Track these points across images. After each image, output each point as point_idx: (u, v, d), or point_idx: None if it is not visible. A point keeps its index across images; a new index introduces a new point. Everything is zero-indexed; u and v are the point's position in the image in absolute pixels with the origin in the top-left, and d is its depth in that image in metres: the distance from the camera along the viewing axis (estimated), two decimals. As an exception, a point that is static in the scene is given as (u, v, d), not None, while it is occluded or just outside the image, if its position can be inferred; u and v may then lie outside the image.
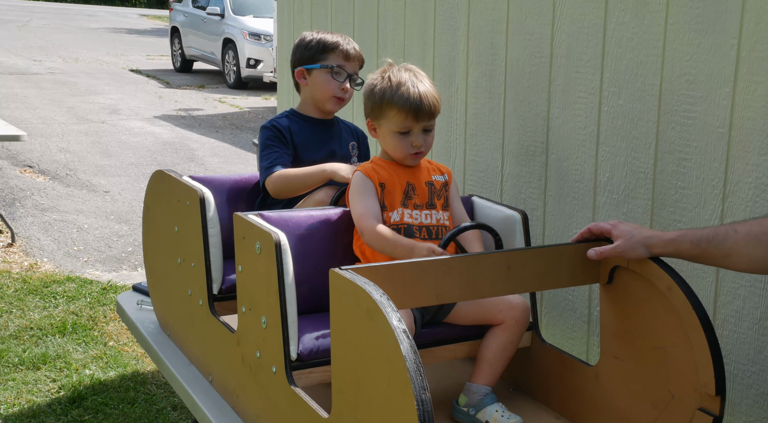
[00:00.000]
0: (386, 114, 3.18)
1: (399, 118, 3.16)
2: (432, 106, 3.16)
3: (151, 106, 16.75)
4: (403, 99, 3.13)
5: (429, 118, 3.17)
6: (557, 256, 2.93)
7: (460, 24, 4.31)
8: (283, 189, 3.64)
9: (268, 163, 3.70)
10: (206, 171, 11.25)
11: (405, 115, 3.14)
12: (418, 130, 3.17)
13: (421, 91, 3.15)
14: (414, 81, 3.17)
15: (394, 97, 3.14)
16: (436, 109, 3.19)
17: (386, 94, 3.17)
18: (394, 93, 3.15)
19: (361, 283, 2.34)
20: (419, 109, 3.13)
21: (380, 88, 3.20)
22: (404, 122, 3.16)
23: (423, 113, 3.14)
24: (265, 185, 3.68)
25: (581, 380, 3.14)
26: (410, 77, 3.19)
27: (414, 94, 3.13)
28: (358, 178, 3.21)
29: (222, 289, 3.56)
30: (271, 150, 3.73)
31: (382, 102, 3.18)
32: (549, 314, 3.86)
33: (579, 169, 3.64)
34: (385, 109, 3.18)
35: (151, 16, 43.95)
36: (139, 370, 5.41)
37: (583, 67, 3.58)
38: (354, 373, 2.43)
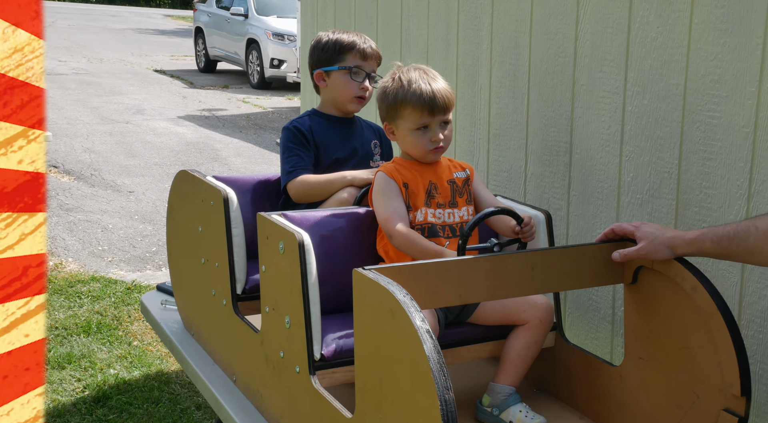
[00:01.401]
0: (401, 113, 3.19)
1: (415, 115, 3.16)
2: (446, 99, 3.16)
3: (175, 106, 16.80)
4: (416, 96, 3.14)
5: (444, 111, 3.17)
6: (581, 257, 2.93)
7: (484, 24, 4.30)
8: (303, 195, 3.64)
9: (289, 167, 3.70)
10: (230, 171, 11.26)
11: (420, 111, 3.15)
12: (435, 124, 3.17)
13: (433, 86, 3.16)
14: (425, 78, 3.19)
15: (407, 96, 3.15)
16: (451, 102, 3.19)
17: (399, 94, 3.17)
18: (406, 92, 3.16)
19: (384, 283, 2.34)
20: (434, 103, 3.13)
21: (392, 89, 3.20)
22: (420, 118, 3.16)
23: (438, 107, 3.14)
24: (287, 190, 3.68)
25: (605, 381, 3.13)
26: (420, 75, 3.20)
27: (426, 89, 3.14)
28: (382, 179, 3.21)
29: (246, 288, 3.57)
30: (293, 153, 3.73)
31: (396, 102, 3.18)
32: (573, 314, 3.85)
33: (603, 169, 3.63)
34: (400, 108, 3.18)
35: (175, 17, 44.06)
36: (164, 370, 5.42)
37: (607, 67, 3.57)
38: (377, 373, 2.43)
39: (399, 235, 3.06)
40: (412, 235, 3.06)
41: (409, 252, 3.07)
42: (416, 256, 3.05)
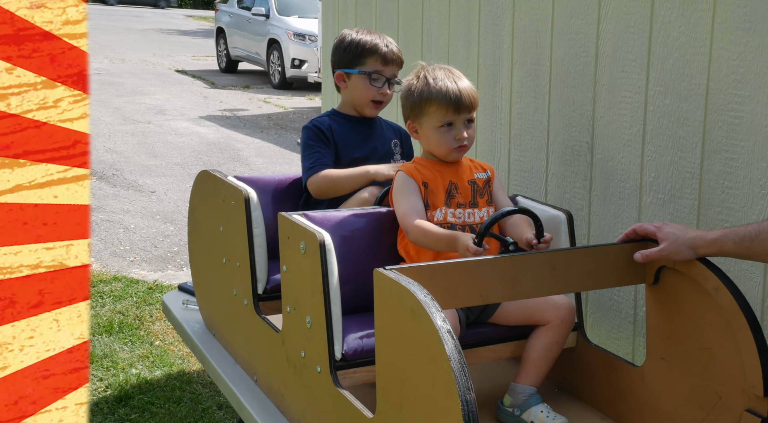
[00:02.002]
0: (426, 111, 3.19)
1: (440, 113, 3.16)
2: (471, 97, 3.17)
3: (196, 106, 16.84)
4: (441, 93, 3.14)
5: (469, 110, 3.18)
6: (602, 257, 2.92)
7: (505, 23, 4.29)
8: (325, 190, 3.64)
9: (310, 164, 3.70)
10: (251, 171, 11.28)
11: (445, 108, 3.15)
12: (459, 122, 3.18)
13: (459, 84, 3.17)
14: (450, 76, 3.20)
15: (432, 93, 3.16)
16: (476, 101, 3.20)
17: (424, 92, 3.18)
18: (432, 89, 3.16)
19: (405, 283, 2.34)
20: (459, 100, 3.14)
21: (417, 87, 3.21)
22: (445, 116, 3.16)
23: (463, 105, 3.15)
24: (307, 186, 3.68)
25: (627, 381, 3.12)
26: (445, 74, 3.21)
27: (452, 87, 3.15)
28: (401, 178, 3.21)
29: (267, 288, 3.57)
30: (313, 150, 3.73)
31: (421, 100, 3.19)
32: (594, 314, 3.84)
33: (624, 168, 3.62)
34: (425, 106, 3.19)
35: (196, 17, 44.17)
36: (185, 370, 5.44)
37: (628, 67, 3.56)
38: (398, 373, 2.43)
39: (414, 229, 3.06)
40: (424, 225, 3.06)
41: (424, 242, 3.07)
42: (432, 245, 3.04)
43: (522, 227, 3.17)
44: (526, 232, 3.11)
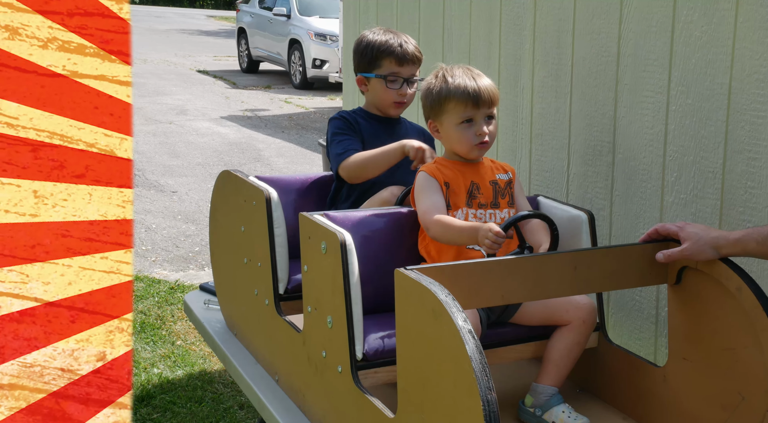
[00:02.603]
0: (446, 108, 3.19)
1: (459, 109, 3.17)
2: (490, 92, 3.17)
3: (218, 106, 16.87)
4: (459, 89, 3.15)
5: (489, 105, 3.18)
6: (624, 257, 2.91)
7: (527, 23, 4.29)
8: (360, 171, 3.63)
9: (341, 149, 3.70)
10: (272, 171, 11.30)
11: (465, 104, 3.15)
12: (480, 117, 3.18)
13: (477, 80, 3.18)
14: (468, 73, 3.21)
15: (451, 90, 3.16)
16: (495, 96, 3.20)
17: (443, 90, 3.18)
18: (450, 86, 3.17)
19: (426, 284, 2.34)
20: (478, 95, 3.14)
21: (436, 85, 3.22)
22: (465, 111, 3.16)
23: (482, 100, 3.15)
24: (339, 171, 3.68)
25: (649, 381, 3.12)
26: (464, 71, 3.22)
27: (470, 83, 3.16)
28: (423, 178, 3.21)
29: (288, 288, 3.58)
30: (342, 137, 3.74)
31: (440, 97, 3.19)
32: (616, 315, 3.83)
33: (646, 168, 3.61)
34: (444, 103, 3.19)
35: (218, 17, 44.25)
36: (207, 369, 5.45)
37: (650, 66, 3.55)
38: (420, 373, 2.43)
39: (434, 224, 3.06)
40: (444, 219, 3.05)
41: (446, 237, 3.06)
42: (453, 238, 3.04)
43: (539, 234, 3.18)
44: (543, 240, 3.12)
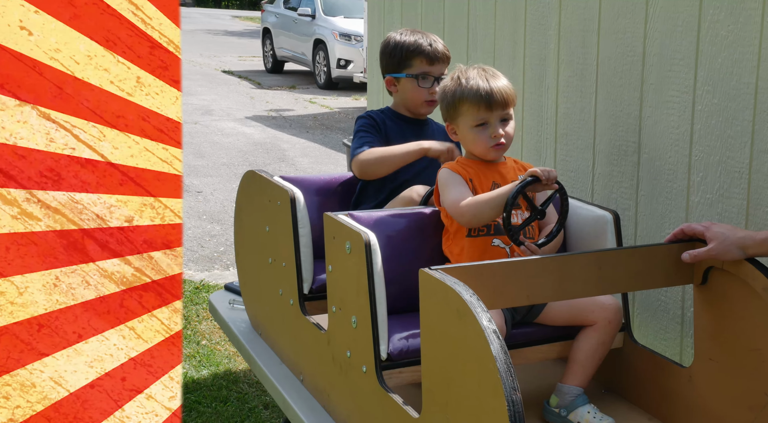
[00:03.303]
0: (460, 111, 3.19)
1: (473, 111, 3.16)
2: (504, 94, 3.16)
3: (242, 106, 16.91)
4: (473, 91, 3.14)
5: (503, 106, 3.17)
6: (650, 257, 2.90)
7: (551, 23, 4.28)
8: (374, 166, 3.63)
9: (358, 144, 3.71)
10: (297, 171, 11.32)
11: (477, 106, 3.15)
12: (494, 120, 3.17)
13: (491, 82, 3.17)
14: (483, 75, 3.19)
15: (464, 93, 3.16)
16: (509, 97, 3.18)
17: (456, 92, 3.18)
18: (464, 89, 3.17)
19: (450, 283, 2.34)
20: (490, 97, 3.13)
21: (450, 88, 3.22)
22: (478, 114, 3.16)
23: (495, 102, 3.14)
24: (353, 165, 3.69)
25: (675, 382, 3.10)
26: (479, 73, 3.20)
27: (483, 85, 3.15)
28: (446, 173, 3.20)
29: (312, 288, 3.58)
30: (364, 134, 3.75)
31: (454, 100, 3.20)
32: (641, 315, 3.82)
33: (672, 168, 3.59)
34: (458, 106, 3.19)
35: (243, 18, 44.35)
36: (231, 369, 5.46)
37: (676, 66, 3.53)
38: (444, 373, 2.43)
39: (466, 208, 3.05)
40: (470, 200, 3.07)
41: (483, 213, 3.05)
42: (486, 213, 3.04)
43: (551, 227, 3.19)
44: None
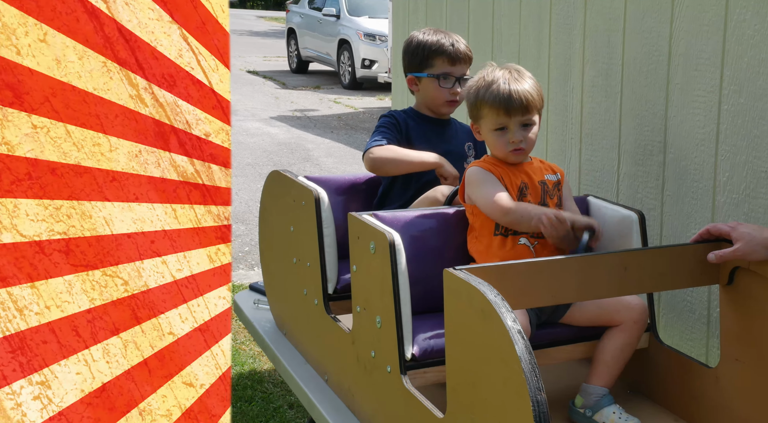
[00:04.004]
0: (481, 113, 3.19)
1: (492, 116, 3.16)
2: (524, 100, 3.13)
3: (267, 107, 16.94)
4: (492, 96, 3.13)
5: (522, 112, 3.14)
6: (675, 257, 2.89)
7: (576, 23, 4.27)
8: (387, 164, 3.67)
9: (374, 138, 3.74)
10: (321, 171, 11.32)
11: (496, 111, 3.14)
12: (513, 125, 3.16)
13: (512, 86, 3.14)
14: (507, 78, 3.16)
15: (486, 96, 3.15)
16: (531, 103, 3.15)
17: (479, 94, 3.18)
18: (485, 91, 3.16)
19: (475, 284, 2.34)
20: (509, 103, 3.11)
21: (474, 89, 3.22)
22: (497, 118, 3.15)
23: (514, 108, 3.12)
24: (364, 157, 3.70)
25: (700, 383, 3.09)
26: (504, 75, 3.18)
27: (504, 90, 3.12)
28: (477, 171, 3.19)
29: (337, 288, 3.58)
30: (384, 130, 3.78)
31: (476, 101, 3.20)
32: (667, 315, 3.81)
33: (698, 168, 3.58)
34: (480, 108, 3.19)
35: (268, 18, 44.42)
36: (256, 369, 5.47)
37: (702, 65, 3.52)
38: (469, 373, 2.43)
39: (514, 209, 3.06)
40: (521, 204, 3.10)
41: (523, 220, 3.06)
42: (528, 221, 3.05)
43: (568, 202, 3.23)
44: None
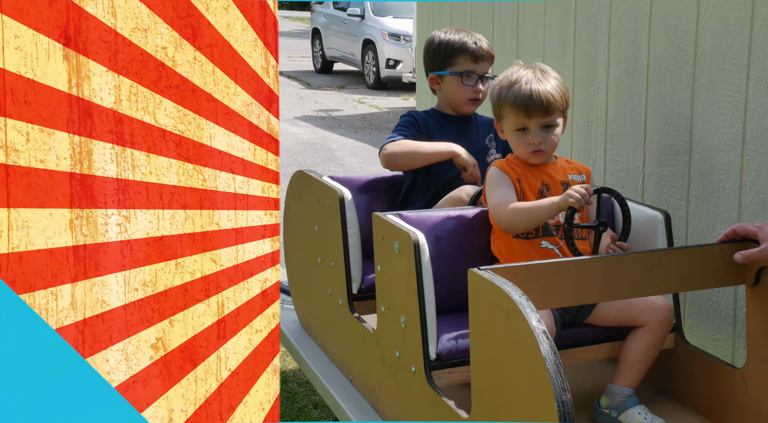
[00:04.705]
0: (503, 113, 3.20)
1: (513, 116, 3.16)
2: (545, 101, 3.11)
3: (292, 107, 16.96)
4: (513, 96, 3.13)
5: (543, 114, 3.13)
6: (701, 257, 2.88)
7: (602, 22, 4.26)
8: (400, 157, 3.71)
9: (391, 135, 3.79)
10: (345, 171, 11.33)
11: (516, 112, 3.14)
12: (533, 126, 3.15)
13: (534, 87, 3.12)
14: (530, 78, 3.15)
15: (507, 96, 3.15)
16: (552, 105, 3.13)
17: (501, 94, 3.18)
18: (507, 92, 3.15)
19: (500, 284, 2.34)
20: (528, 104, 3.11)
21: (498, 88, 3.22)
22: (517, 119, 3.15)
23: (533, 109, 3.11)
24: (381, 152, 3.72)
25: (727, 383, 3.08)
26: (527, 74, 3.17)
27: (525, 90, 3.12)
28: (495, 173, 3.20)
29: (361, 288, 3.59)
30: (402, 128, 3.82)
31: (498, 101, 3.20)
32: (693, 316, 3.79)
33: (724, 168, 3.56)
34: (502, 108, 3.19)
35: (292, 18, 44.47)
36: (281, 369, 5.48)
37: (728, 65, 3.50)
38: (494, 373, 2.43)
39: (506, 214, 3.04)
40: (518, 204, 3.05)
41: (522, 221, 3.04)
42: (525, 222, 3.03)
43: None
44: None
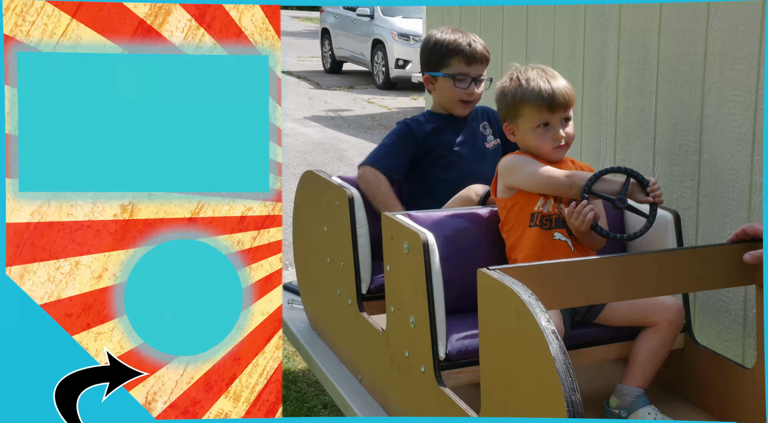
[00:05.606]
0: (521, 112, 3.18)
1: (535, 113, 3.15)
2: (566, 95, 3.15)
3: (301, 107, 16.96)
4: (535, 93, 3.13)
5: (565, 108, 3.16)
6: (711, 257, 2.88)
7: (611, 22, 4.25)
8: (368, 191, 3.75)
9: (376, 155, 3.85)
10: (355, 171, 11.31)
11: (540, 108, 3.14)
12: (556, 121, 3.16)
13: (552, 83, 3.15)
14: (543, 75, 3.18)
15: (526, 94, 3.15)
16: (571, 98, 3.18)
17: (518, 93, 3.17)
18: (525, 90, 3.15)
19: (509, 284, 2.34)
20: (553, 99, 3.12)
21: (510, 89, 3.21)
22: (540, 116, 3.15)
23: (558, 103, 3.13)
24: (358, 170, 3.80)
25: (737, 383, 3.07)
26: (539, 73, 3.19)
27: (545, 86, 3.13)
28: (515, 158, 3.21)
29: (370, 288, 3.59)
30: (392, 145, 3.84)
31: (515, 101, 3.18)
32: (703, 316, 3.79)
33: (734, 168, 3.55)
34: (519, 107, 3.18)
35: (302, 18, 44.49)
36: (290, 369, 5.48)
37: (738, 65, 3.50)
38: (503, 374, 2.43)
39: (572, 173, 3.12)
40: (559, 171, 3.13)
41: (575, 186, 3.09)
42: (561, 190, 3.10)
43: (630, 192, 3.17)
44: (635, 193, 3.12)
